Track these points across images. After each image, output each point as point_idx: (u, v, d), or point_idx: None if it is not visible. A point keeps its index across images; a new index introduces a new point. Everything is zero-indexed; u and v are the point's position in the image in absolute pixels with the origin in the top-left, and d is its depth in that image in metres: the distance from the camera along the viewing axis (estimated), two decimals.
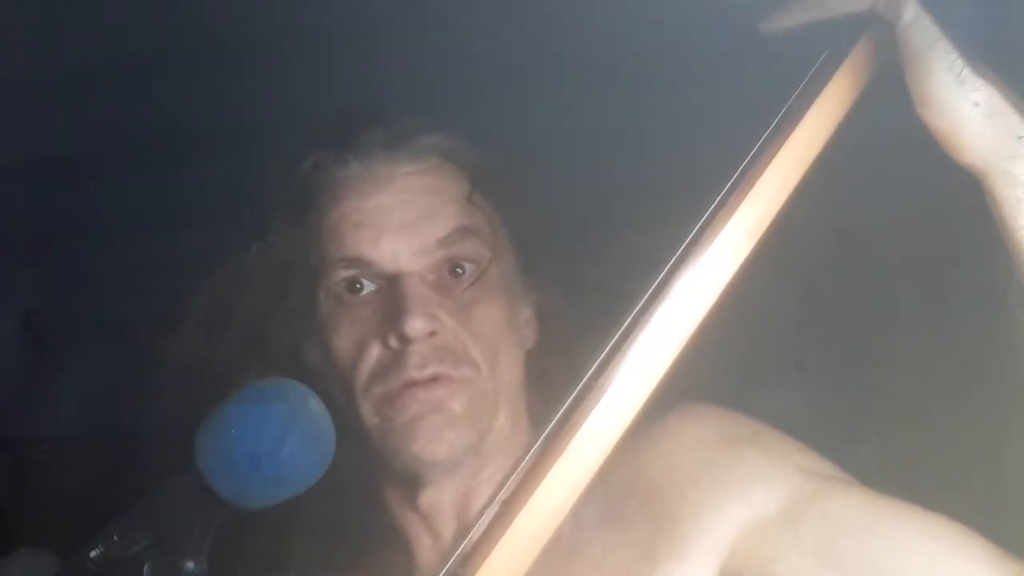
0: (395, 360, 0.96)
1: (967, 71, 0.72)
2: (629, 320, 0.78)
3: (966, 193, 0.74)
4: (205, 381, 0.99)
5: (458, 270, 1.00)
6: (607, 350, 0.78)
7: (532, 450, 0.78)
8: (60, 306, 2.17)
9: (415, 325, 0.94)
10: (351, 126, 1.05)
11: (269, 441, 0.80)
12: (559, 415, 0.78)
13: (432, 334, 0.96)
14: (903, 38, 0.75)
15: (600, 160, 1.58)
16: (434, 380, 0.96)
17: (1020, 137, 0.71)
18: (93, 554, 0.79)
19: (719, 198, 0.78)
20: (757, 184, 0.77)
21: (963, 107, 0.72)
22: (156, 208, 1.88)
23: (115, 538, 0.79)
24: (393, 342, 0.96)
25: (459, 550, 0.77)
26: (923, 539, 0.84)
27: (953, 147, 0.74)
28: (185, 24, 1.56)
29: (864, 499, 0.89)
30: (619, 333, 0.78)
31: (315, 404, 0.86)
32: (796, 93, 0.80)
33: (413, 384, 0.95)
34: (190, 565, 0.78)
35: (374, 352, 0.98)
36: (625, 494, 0.97)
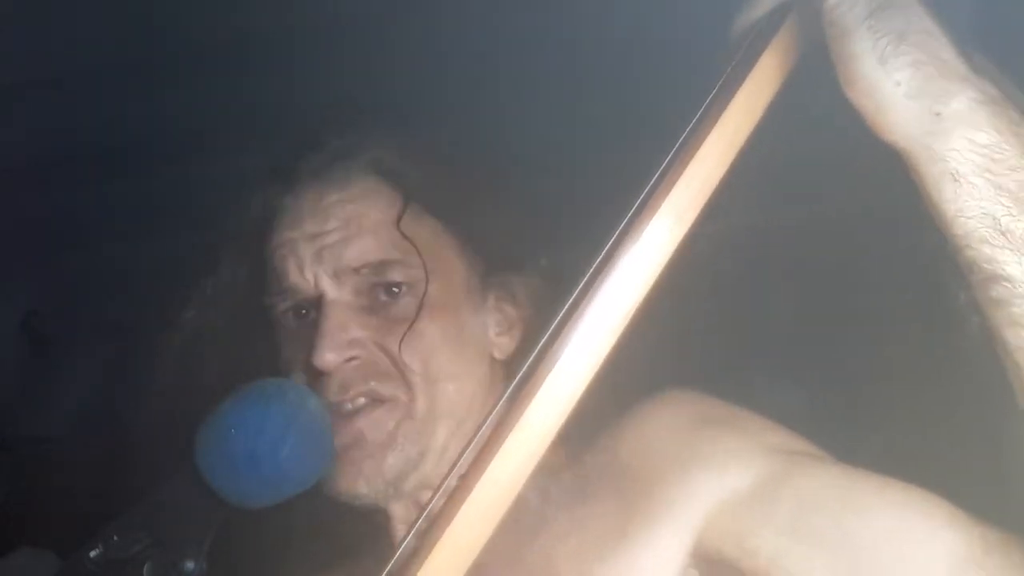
0: (318, 385, 0.97)
1: (889, 51, 0.73)
2: (576, 294, 0.79)
3: None
4: (188, 401, 1.00)
5: (394, 289, 1.00)
6: (555, 323, 0.80)
7: (486, 424, 0.79)
8: (60, 306, 2.17)
9: (324, 358, 0.95)
10: (291, 154, 1.07)
11: (269, 440, 0.80)
12: (511, 388, 0.79)
13: (351, 360, 0.97)
14: (829, 19, 0.76)
15: (591, 156, 1.58)
16: (361, 407, 0.97)
17: (938, 114, 0.72)
18: (93, 554, 0.79)
19: (652, 180, 0.80)
20: (688, 167, 0.79)
21: (885, 86, 0.73)
22: (157, 208, 1.88)
23: (115, 538, 0.79)
24: (311, 370, 0.97)
25: (416, 525, 0.77)
26: (893, 507, 0.85)
27: (877, 125, 0.75)
28: (185, 25, 1.55)
29: (836, 473, 0.90)
30: (567, 306, 0.79)
31: (315, 404, 0.86)
32: (723, 77, 0.82)
33: (337, 411, 0.96)
34: (190, 565, 0.79)
35: (301, 377, 0.99)
36: (598, 474, 0.97)
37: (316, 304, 1.00)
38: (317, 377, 0.97)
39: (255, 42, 1.62)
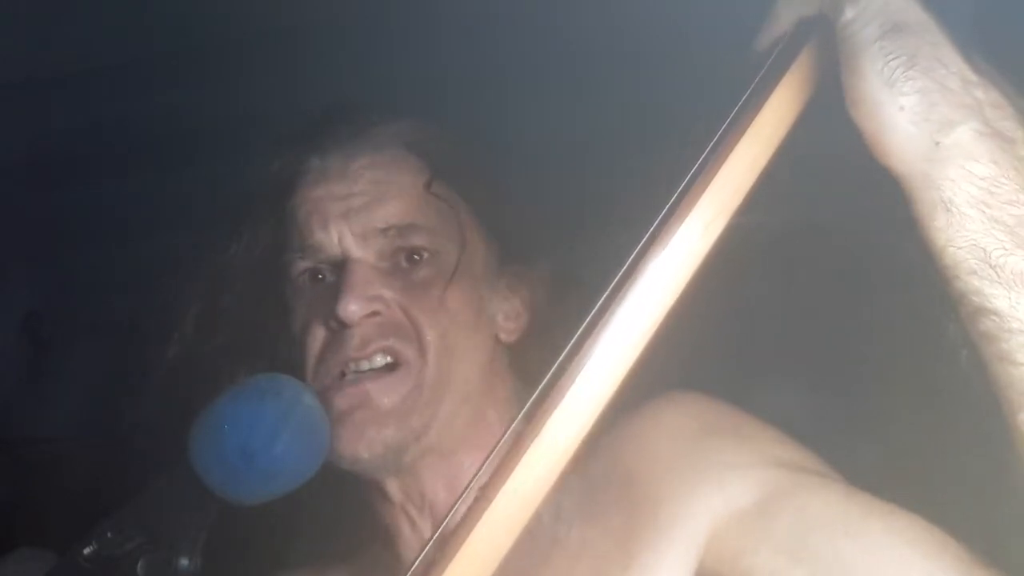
0: (336, 341, 0.98)
1: (898, 74, 0.73)
2: (601, 302, 0.79)
3: None
4: (197, 379, 1.00)
5: (416, 257, 1.01)
6: (579, 333, 0.79)
7: (507, 435, 0.78)
8: (60, 306, 2.17)
9: (349, 308, 0.96)
10: (317, 124, 1.08)
11: (263, 436, 0.80)
12: (533, 399, 0.78)
13: (374, 314, 0.98)
14: (841, 36, 0.76)
15: (596, 157, 1.58)
16: (376, 368, 0.97)
17: (938, 143, 0.72)
18: (87, 551, 0.79)
19: (678, 191, 0.80)
20: (714, 181, 0.79)
21: (889, 109, 0.73)
22: (157, 208, 1.88)
23: (109, 535, 0.79)
24: (333, 324, 0.98)
25: (435, 535, 0.77)
26: (895, 541, 0.84)
27: (877, 147, 0.75)
28: (185, 25, 1.56)
29: (840, 496, 0.89)
30: (591, 315, 0.78)
31: (310, 399, 0.86)
32: (749, 90, 0.81)
33: (355, 368, 0.97)
34: (184, 562, 0.78)
35: (319, 334, 1.00)
36: (604, 483, 0.97)
37: (337, 265, 1.01)
38: (336, 333, 0.98)
39: (255, 42, 1.62)
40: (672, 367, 1.03)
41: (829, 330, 1.51)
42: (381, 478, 1.00)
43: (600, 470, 0.97)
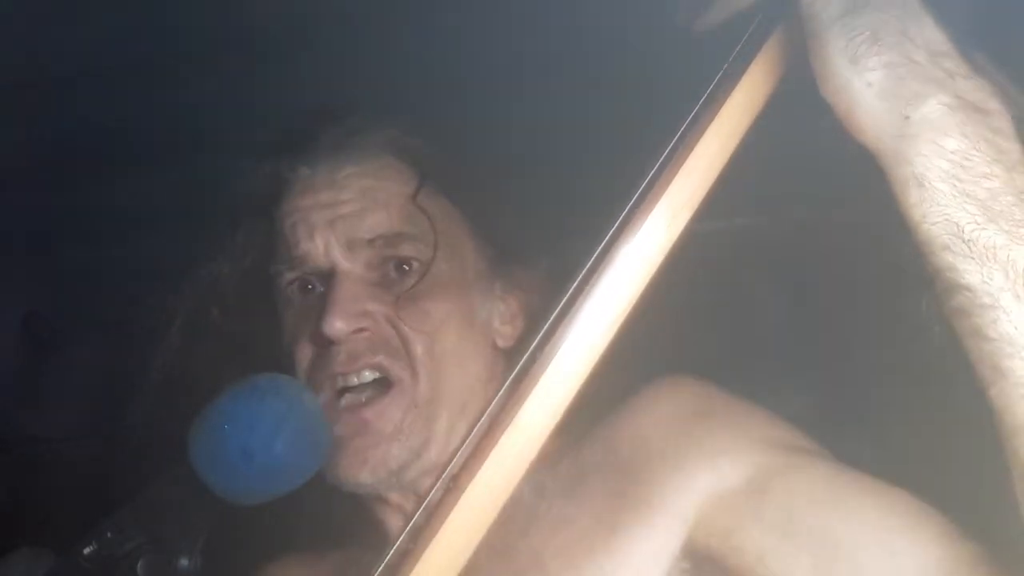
0: (324, 357, 0.97)
1: (862, 50, 0.72)
2: (568, 295, 0.79)
3: None
4: (191, 384, 1.00)
5: (405, 267, 1.01)
6: (548, 323, 0.79)
7: (479, 425, 0.79)
8: (60, 306, 2.17)
9: (335, 325, 0.95)
10: (304, 131, 1.07)
11: (263, 436, 0.80)
12: (502, 389, 0.79)
13: (361, 331, 0.97)
14: (806, 15, 0.75)
15: (592, 155, 1.58)
16: (367, 389, 0.97)
17: (908, 117, 0.72)
18: (87, 551, 0.79)
19: (648, 178, 0.81)
20: (683, 166, 0.79)
21: (857, 86, 0.73)
22: (157, 208, 1.88)
23: (109, 535, 0.79)
24: (319, 340, 0.97)
25: (408, 526, 0.77)
26: (881, 515, 0.85)
27: (849, 124, 0.74)
28: (185, 24, 1.55)
29: (829, 473, 0.90)
30: (559, 307, 0.79)
31: (309, 399, 0.86)
32: (719, 75, 0.82)
33: (343, 384, 0.96)
34: (184, 562, 0.79)
35: (307, 349, 1.00)
36: (594, 465, 0.98)
37: (325, 276, 1.00)
38: (324, 348, 0.97)
39: (255, 42, 1.62)
40: (670, 366, 1.03)
41: (828, 329, 1.51)
42: (381, 494, 1.00)
43: (592, 455, 0.98)
